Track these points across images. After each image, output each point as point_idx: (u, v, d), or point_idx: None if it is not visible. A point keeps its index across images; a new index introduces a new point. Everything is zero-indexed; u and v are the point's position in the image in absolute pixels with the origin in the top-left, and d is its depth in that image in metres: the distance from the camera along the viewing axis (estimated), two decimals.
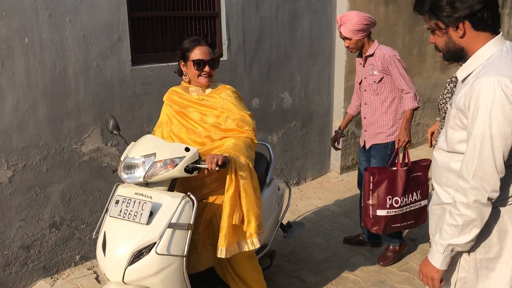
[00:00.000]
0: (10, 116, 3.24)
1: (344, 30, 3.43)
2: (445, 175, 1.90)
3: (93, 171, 3.71)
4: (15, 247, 3.41)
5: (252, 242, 2.60)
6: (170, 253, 2.30)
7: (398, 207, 3.40)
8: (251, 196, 2.55)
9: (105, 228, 2.43)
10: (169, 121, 2.84)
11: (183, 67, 2.80)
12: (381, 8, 5.73)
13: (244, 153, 2.58)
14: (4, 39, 3.14)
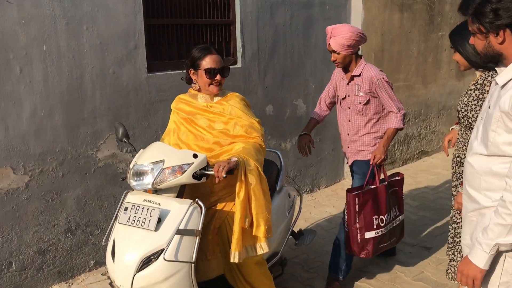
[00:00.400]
0: (27, 122, 3.29)
1: (333, 43, 3.25)
2: (485, 179, 1.89)
3: (108, 177, 3.74)
4: (31, 252, 3.44)
5: (261, 246, 2.60)
6: (178, 259, 2.30)
7: (384, 226, 3.30)
8: (260, 199, 2.55)
9: (114, 235, 2.44)
10: (177, 128, 2.85)
11: (193, 75, 2.79)
12: (396, 16, 5.71)
13: (253, 157, 2.59)
14: (23, 47, 3.20)
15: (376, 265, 3.82)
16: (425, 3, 6.07)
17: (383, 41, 5.64)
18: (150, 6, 3.89)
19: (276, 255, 3.17)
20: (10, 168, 3.26)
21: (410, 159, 6.46)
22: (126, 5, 3.61)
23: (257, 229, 2.56)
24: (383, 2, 5.52)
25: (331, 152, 5.61)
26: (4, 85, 3.16)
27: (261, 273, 2.76)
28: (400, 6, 5.74)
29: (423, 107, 6.45)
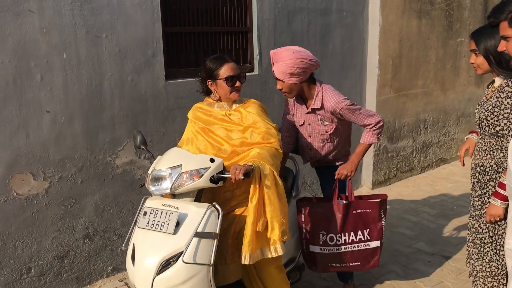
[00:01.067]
0: (47, 129, 3.34)
1: (276, 70, 2.89)
2: None
3: (126, 184, 3.77)
4: (50, 257, 3.48)
5: (275, 249, 2.60)
6: (197, 262, 2.33)
7: (334, 245, 3.09)
8: (275, 203, 2.56)
9: (134, 239, 2.48)
10: (194, 138, 2.87)
11: (212, 86, 2.82)
12: (414, 22, 5.68)
13: (269, 161, 2.60)
14: (44, 55, 3.25)
15: (394, 274, 3.77)
16: (444, 9, 6.02)
17: (401, 48, 5.61)
18: (168, 14, 3.93)
19: (294, 260, 3.18)
20: (30, 174, 3.31)
21: (428, 167, 6.38)
22: (145, 14, 3.65)
23: (272, 232, 2.57)
24: (401, 8, 5.49)
25: None
26: (25, 93, 3.21)
27: (280, 278, 2.77)
28: (418, 12, 5.70)
29: (441, 114, 6.37)
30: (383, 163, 5.75)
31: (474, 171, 2.79)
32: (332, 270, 3.23)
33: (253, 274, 2.71)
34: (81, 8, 3.35)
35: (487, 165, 2.68)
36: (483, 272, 2.78)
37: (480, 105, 2.76)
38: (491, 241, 2.68)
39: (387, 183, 5.85)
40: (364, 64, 5.47)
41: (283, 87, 2.97)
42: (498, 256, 2.66)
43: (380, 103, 5.53)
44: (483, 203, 2.71)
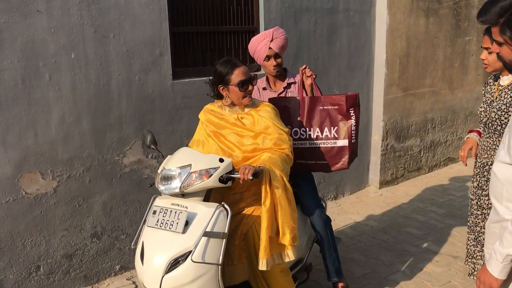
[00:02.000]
0: (56, 129, 3.36)
1: (275, 45, 3.11)
2: (507, 189, 1.83)
3: (133, 183, 3.79)
4: (58, 256, 3.51)
5: (287, 254, 2.61)
6: (205, 261, 2.34)
7: (298, 139, 3.08)
8: (285, 209, 2.56)
9: (143, 238, 2.49)
10: (206, 141, 2.86)
11: (224, 91, 2.78)
12: (422, 21, 5.65)
13: (279, 167, 2.59)
14: (52, 55, 3.27)
15: (401, 273, 3.76)
16: (452, 7, 5.99)
17: (408, 46, 5.58)
18: (175, 14, 3.94)
19: (302, 261, 3.18)
20: (39, 173, 3.34)
21: (436, 166, 6.35)
22: (152, 14, 3.67)
23: (283, 238, 2.57)
24: (409, 7, 5.47)
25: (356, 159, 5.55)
26: (34, 92, 3.23)
27: (285, 281, 2.75)
28: (425, 11, 5.67)
29: (449, 113, 6.34)
30: (391, 162, 5.73)
31: (481, 170, 2.78)
32: (300, 168, 3.14)
33: (259, 276, 2.71)
34: (89, 8, 3.37)
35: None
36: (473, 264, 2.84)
37: (486, 104, 2.74)
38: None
39: (394, 182, 5.83)
40: (371, 63, 5.45)
41: (278, 62, 3.17)
42: None
43: (388, 103, 5.51)
44: (490, 202, 2.69)
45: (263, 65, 3.23)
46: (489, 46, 2.59)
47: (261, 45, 3.13)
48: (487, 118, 2.70)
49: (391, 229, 4.56)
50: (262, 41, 3.14)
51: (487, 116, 2.70)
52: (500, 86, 2.71)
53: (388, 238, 4.40)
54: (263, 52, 3.13)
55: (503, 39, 1.80)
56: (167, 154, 3.72)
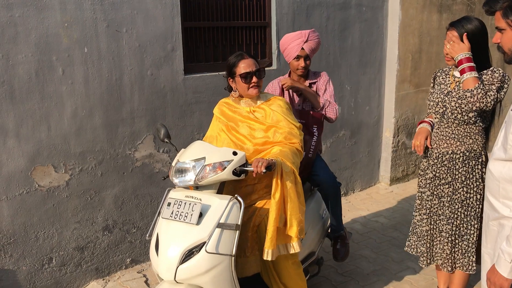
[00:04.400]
0: (68, 122, 3.39)
1: (308, 47, 3.20)
2: (504, 186, 1.83)
3: (145, 177, 3.81)
4: (70, 248, 3.55)
5: (293, 246, 2.65)
6: (219, 252, 2.37)
7: None
8: (294, 201, 2.60)
9: (158, 229, 2.53)
10: (218, 135, 2.92)
11: (232, 83, 2.87)
12: (434, 16, 5.60)
13: (290, 159, 2.63)
14: (66, 49, 3.30)
15: (411, 270, 3.75)
16: (465, 3, 5.93)
17: (420, 42, 5.54)
18: (187, 9, 3.95)
19: (313, 255, 3.22)
20: (52, 166, 3.37)
21: None
22: (164, 8, 3.68)
23: (290, 229, 2.60)
24: (421, 2, 5.43)
25: (366, 155, 5.54)
26: (47, 86, 3.26)
27: (296, 274, 2.78)
28: (438, 6, 5.62)
29: None
30: (402, 159, 5.71)
31: (440, 160, 2.89)
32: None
33: (270, 268, 2.74)
34: (102, 2, 3.39)
35: (457, 151, 2.82)
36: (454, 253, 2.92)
37: (443, 94, 2.85)
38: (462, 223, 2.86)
39: (405, 179, 5.81)
40: (383, 59, 5.42)
41: (307, 64, 3.25)
42: (469, 235, 2.86)
43: (399, 99, 5.48)
44: (454, 189, 2.85)
45: (291, 63, 3.28)
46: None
47: (294, 44, 3.19)
48: (446, 108, 2.80)
49: (402, 226, 4.55)
50: (296, 40, 3.19)
51: (446, 105, 2.80)
52: (456, 78, 2.83)
53: (398, 235, 4.39)
54: (294, 51, 3.19)
55: (506, 23, 1.79)
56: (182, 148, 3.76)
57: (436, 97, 2.89)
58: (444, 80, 2.93)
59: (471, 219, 2.85)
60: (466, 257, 2.89)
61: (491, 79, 2.69)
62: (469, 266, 2.89)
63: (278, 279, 2.75)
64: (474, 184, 2.82)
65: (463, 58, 2.66)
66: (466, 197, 2.83)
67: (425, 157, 3.00)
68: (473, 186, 2.82)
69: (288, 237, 2.64)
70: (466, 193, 2.83)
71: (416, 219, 3.09)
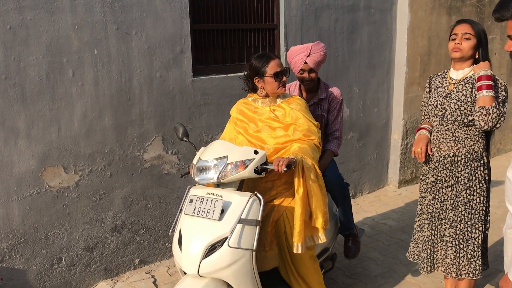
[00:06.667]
0: (78, 124, 3.42)
1: (311, 60, 3.17)
2: None
3: (154, 178, 3.84)
4: (79, 249, 3.58)
5: (319, 237, 2.76)
6: (241, 246, 2.43)
7: None
8: (318, 194, 2.69)
9: (180, 225, 2.59)
10: (236, 138, 2.97)
11: (259, 83, 2.92)
12: (444, 19, 5.58)
13: (310, 155, 2.71)
14: (76, 51, 3.33)
15: (419, 274, 3.74)
16: (475, 5, 5.90)
17: (430, 45, 5.52)
18: (196, 11, 3.98)
19: (327, 251, 3.31)
20: (62, 167, 3.40)
21: None
22: (173, 11, 3.70)
23: (316, 221, 2.71)
24: (431, 5, 5.41)
25: (375, 158, 5.53)
26: (57, 88, 3.30)
27: (313, 268, 2.86)
28: (448, 8, 5.60)
29: None
30: (410, 161, 5.69)
31: (441, 163, 2.89)
32: None
33: (288, 262, 2.82)
34: (112, 5, 3.42)
35: (459, 154, 2.81)
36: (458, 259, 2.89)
37: (442, 97, 2.85)
38: (467, 226, 2.83)
39: (414, 181, 5.79)
40: (392, 61, 5.41)
41: (312, 77, 3.23)
42: (473, 238, 2.84)
43: (408, 101, 5.47)
44: (457, 191, 2.84)
45: (297, 75, 3.30)
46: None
47: (298, 58, 3.21)
48: (445, 110, 2.80)
49: (410, 229, 4.53)
50: (300, 54, 3.20)
51: (445, 108, 2.80)
52: (454, 80, 2.84)
53: (407, 237, 4.37)
54: (298, 65, 3.22)
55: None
56: (186, 150, 3.77)
57: (434, 100, 2.89)
58: (441, 84, 2.93)
59: (475, 221, 2.83)
60: (472, 263, 2.86)
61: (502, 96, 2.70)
62: (475, 271, 2.86)
63: (296, 273, 2.83)
64: (477, 186, 2.81)
65: (483, 75, 2.68)
66: (470, 200, 2.82)
67: (426, 162, 2.99)
68: (476, 188, 2.81)
69: (313, 228, 2.75)
70: (470, 195, 2.81)
71: (416, 224, 3.08)
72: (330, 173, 3.28)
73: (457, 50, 2.78)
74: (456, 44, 2.77)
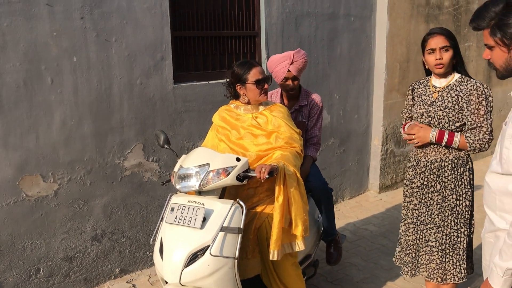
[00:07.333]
0: (57, 131, 3.38)
1: (294, 68, 3.20)
2: (500, 199, 1.84)
3: (134, 186, 3.80)
4: (58, 259, 3.51)
5: (297, 245, 2.75)
6: (223, 255, 2.42)
7: None
8: (298, 202, 2.69)
9: (162, 234, 2.56)
10: (218, 145, 2.96)
11: (241, 90, 2.92)
12: (422, 26, 5.68)
13: (292, 163, 2.72)
14: (55, 58, 3.29)
15: (400, 279, 3.77)
16: (451, 13, 6.02)
17: (408, 52, 5.61)
18: (177, 19, 3.97)
19: (309, 257, 3.30)
20: (40, 176, 3.35)
21: None
22: (154, 18, 3.69)
23: (295, 229, 2.70)
24: (409, 12, 5.50)
25: (356, 163, 5.57)
26: (36, 95, 3.25)
27: (295, 275, 2.86)
28: (425, 16, 5.70)
29: None
30: (390, 167, 5.75)
31: (428, 168, 2.91)
32: None
33: (270, 270, 2.81)
34: (91, 12, 3.39)
35: (446, 159, 2.85)
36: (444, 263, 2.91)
37: (427, 105, 2.88)
38: (453, 231, 2.86)
39: (394, 187, 5.85)
40: (372, 68, 5.48)
41: (295, 85, 3.25)
42: (459, 243, 2.87)
43: (387, 108, 5.53)
44: (444, 196, 2.87)
45: (280, 84, 3.31)
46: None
47: (280, 67, 3.21)
48: (431, 118, 2.84)
49: (391, 234, 4.57)
50: (282, 63, 3.21)
51: (431, 115, 2.84)
52: (437, 88, 2.87)
53: (388, 242, 4.41)
54: (281, 73, 3.22)
55: (494, 41, 1.82)
56: (167, 158, 3.75)
57: (420, 108, 2.91)
58: (424, 92, 2.95)
59: (461, 226, 2.87)
60: (458, 267, 2.89)
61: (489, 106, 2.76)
62: (461, 275, 2.88)
63: (278, 280, 2.82)
64: (463, 191, 2.85)
65: (435, 136, 2.78)
66: (456, 204, 2.85)
67: (412, 167, 3.02)
68: (462, 192, 2.85)
69: (292, 236, 2.74)
70: (456, 200, 2.85)
71: (401, 229, 3.10)
72: (314, 179, 3.30)
73: (440, 66, 2.80)
74: (438, 60, 2.79)
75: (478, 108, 2.74)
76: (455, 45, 2.81)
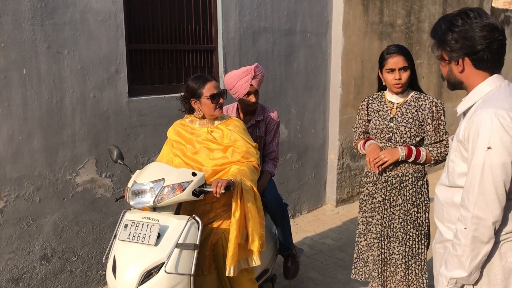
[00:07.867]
0: (4, 146, 3.23)
1: (257, 82, 3.23)
2: (447, 210, 1.89)
3: (86, 202, 3.67)
4: (3, 280, 3.34)
5: (254, 260, 2.72)
6: (179, 272, 2.38)
7: None
8: (255, 217, 2.67)
9: (115, 251, 2.49)
10: (172, 160, 2.89)
11: (195, 104, 2.88)
12: (375, 44, 5.83)
13: (249, 177, 2.70)
14: (2, 70, 3.16)
15: None
16: (404, 31, 6.22)
17: (363, 68, 5.74)
18: (132, 31, 3.91)
19: (267, 272, 3.28)
20: None
21: None
22: (108, 30, 3.62)
23: (252, 244, 2.68)
24: (363, 30, 5.64)
25: (313, 177, 5.62)
26: None
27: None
28: (379, 34, 5.86)
29: None
30: (346, 181, 5.83)
31: (391, 182, 2.95)
32: None
33: (227, 286, 2.78)
34: (42, 23, 3.29)
35: (406, 173, 2.91)
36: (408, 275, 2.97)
37: (387, 120, 2.92)
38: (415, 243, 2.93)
39: (350, 200, 5.92)
40: (328, 84, 5.57)
41: (257, 99, 3.26)
42: (421, 254, 2.95)
43: (343, 122, 5.62)
44: (406, 210, 2.93)
45: (241, 99, 3.28)
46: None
47: (243, 82, 3.19)
48: (393, 133, 2.88)
49: (347, 248, 4.61)
50: (244, 78, 3.19)
51: (392, 131, 2.89)
52: (395, 103, 2.93)
53: (345, 256, 4.44)
54: (244, 88, 3.20)
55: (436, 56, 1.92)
56: (121, 173, 3.66)
57: (379, 124, 2.94)
58: (381, 107, 2.98)
59: (422, 237, 2.94)
60: (420, 277, 2.96)
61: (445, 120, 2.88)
62: (423, 285, 2.95)
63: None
64: (423, 203, 2.93)
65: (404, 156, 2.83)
66: (417, 217, 2.92)
67: (371, 182, 3.04)
68: (422, 205, 2.92)
69: (249, 251, 2.71)
70: (417, 213, 2.92)
71: (362, 244, 3.10)
72: (269, 194, 3.29)
73: (399, 86, 2.86)
74: (397, 80, 2.84)
75: (438, 123, 2.85)
76: (412, 64, 2.89)
